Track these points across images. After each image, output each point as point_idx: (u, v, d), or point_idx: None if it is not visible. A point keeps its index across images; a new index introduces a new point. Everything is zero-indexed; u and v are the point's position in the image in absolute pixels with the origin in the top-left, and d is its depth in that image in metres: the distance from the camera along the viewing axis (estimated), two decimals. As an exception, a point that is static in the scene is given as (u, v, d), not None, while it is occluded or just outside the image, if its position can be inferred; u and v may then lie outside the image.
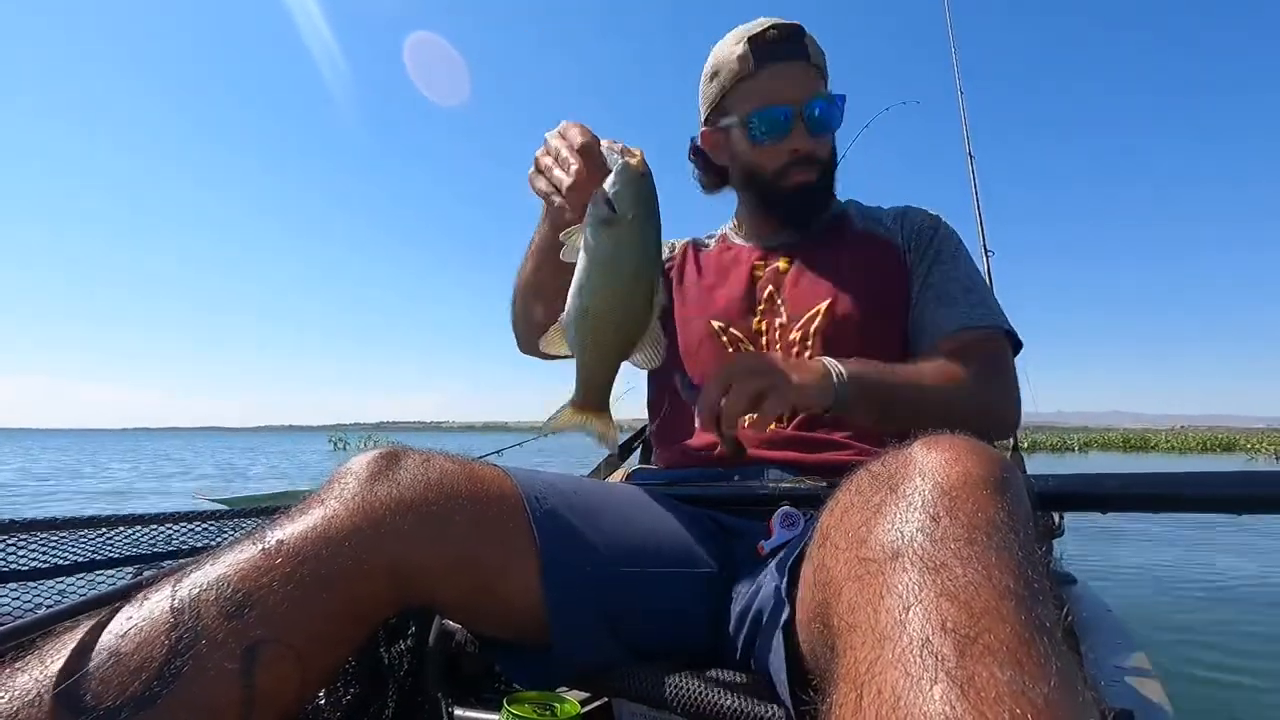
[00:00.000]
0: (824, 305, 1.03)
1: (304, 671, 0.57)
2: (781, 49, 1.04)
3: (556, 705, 0.66)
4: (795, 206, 1.11)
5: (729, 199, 1.24)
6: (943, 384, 0.94)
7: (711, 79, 1.10)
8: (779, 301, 1.06)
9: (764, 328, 1.05)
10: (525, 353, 1.11)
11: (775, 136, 1.06)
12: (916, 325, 1.06)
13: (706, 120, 1.15)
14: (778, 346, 1.03)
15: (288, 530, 0.60)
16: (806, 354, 1.00)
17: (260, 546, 0.58)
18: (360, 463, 0.68)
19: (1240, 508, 0.63)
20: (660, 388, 1.15)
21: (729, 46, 1.07)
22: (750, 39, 1.05)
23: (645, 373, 1.20)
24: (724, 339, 1.06)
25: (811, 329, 1.02)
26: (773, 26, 1.04)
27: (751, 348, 1.04)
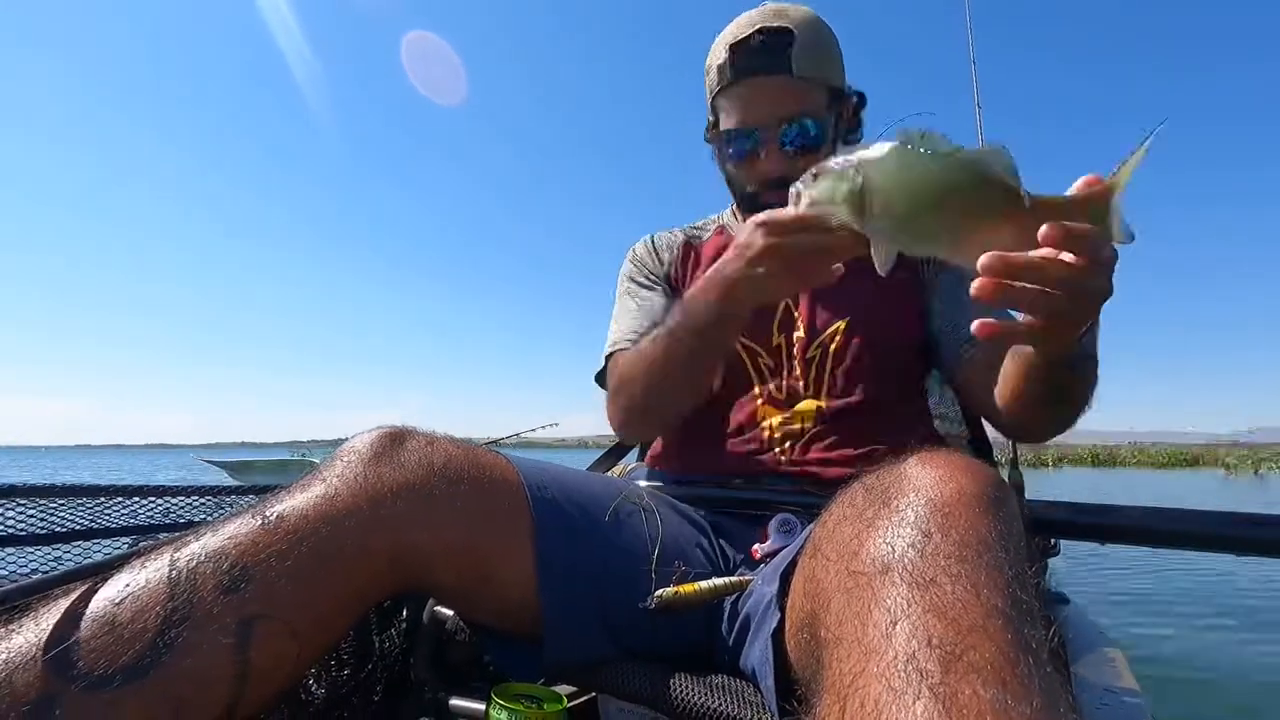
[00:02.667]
0: (842, 324, 0.99)
1: (298, 648, 0.57)
2: (761, 61, 0.95)
3: (543, 698, 0.66)
4: None
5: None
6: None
7: (706, 77, 1.04)
8: (795, 314, 1.03)
9: (783, 341, 1.02)
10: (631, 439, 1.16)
11: (746, 159, 1.01)
12: (953, 329, 0.98)
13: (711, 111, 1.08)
14: (796, 363, 1.00)
15: (289, 506, 0.60)
16: (825, 370, 0.98)
17: (260, 521, 0.58)
18: (364, 441, 0.68)
19: (1243, 549, 0.63)
20: None
21: (717, 49, 1.00)
22: (732, 46, 0.97)
23: None
24: (744, 354, 1.03)
25: (831, 348, 0.99)
26: (759, 30, 0.95)
27: (771, 363, 1.01)
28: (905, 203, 0.58)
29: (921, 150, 0.58)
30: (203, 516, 0.90)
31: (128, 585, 0.53)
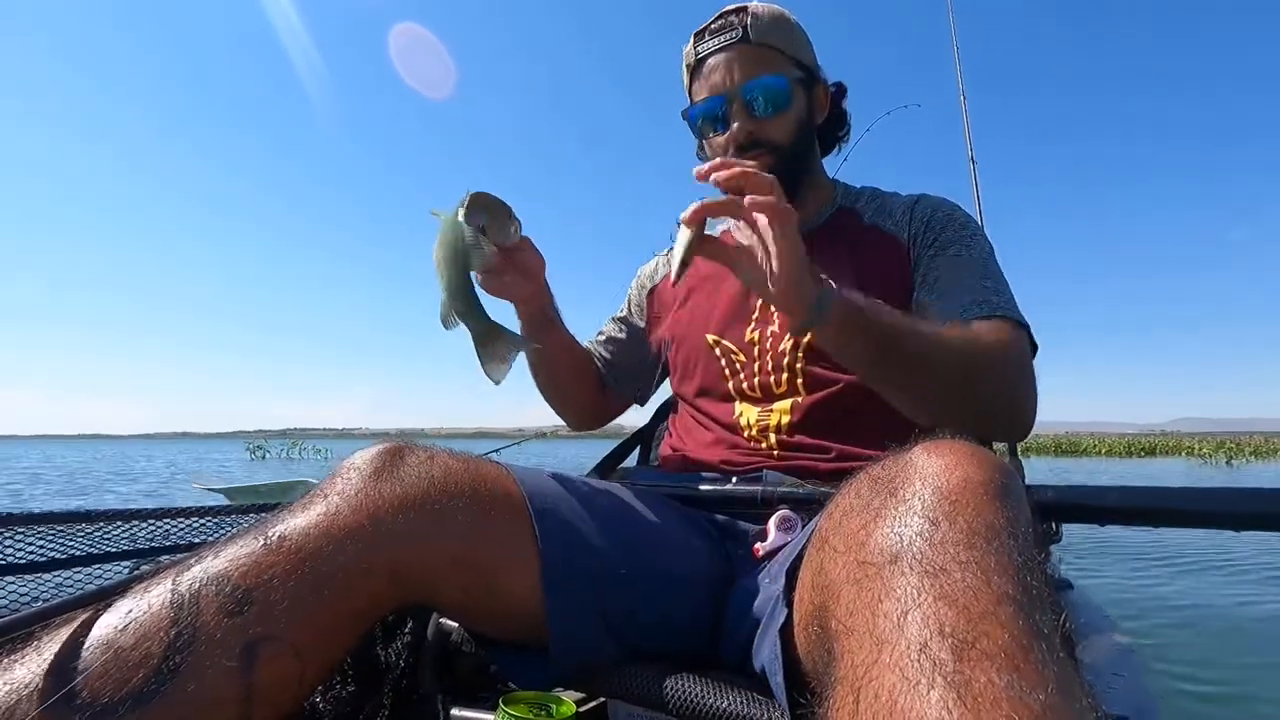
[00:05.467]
0: None
1: (303, 669, 0.57)
2: (721, 37, 1.00)
3: (552, 705, 0.66)
4: None
5: None
6: (961, 343, 0.81)
7: (683, 77, 1.09)
8: (772, 309, 1.02)
9: (756, 337, 1.01)
10: (582, 428, 1.29)
11: (715, 130, 1.02)
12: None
13: None
14: (769, 358, 0.99)
15: (290, 525, 0.60)
16: (798, 365, 0.97)
17: (262, 542, 0.58)
18: (364, 458, 0.68)
19: (1241, 524, 0.63)
20: (675, 395, 1.16)
21: (686, 45, 1.05)
22: (696, 34, 1.03)
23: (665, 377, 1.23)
24: (718, 351, 1.04)
25: (802, 340, 0.97)
26: (719, 15, 1.01)
27: (743, 359, 1.01)
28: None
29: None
30: (202, 538, 0.90)
31: (130, 611, 0.53)
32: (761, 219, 0.71)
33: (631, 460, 1.41)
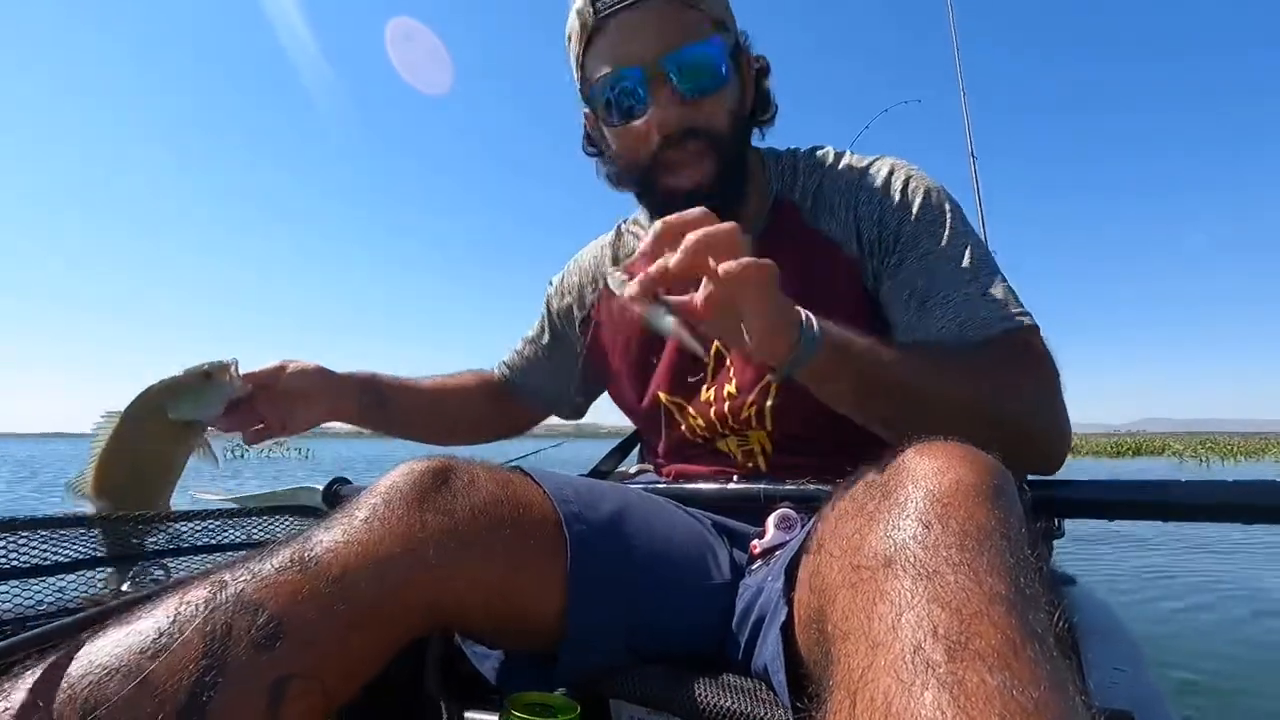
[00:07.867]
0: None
1: (328, 704, 0.55)
2: None
3: (557, 706, 0.66)
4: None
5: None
6: (955, 378, 0.73)
7: (568, 44, 0.85)
8: (727, 362, 0.93)
9: (712, 397, 0.94)
10: (490, 439, 1.30)
11: (631, 112, 0.81)
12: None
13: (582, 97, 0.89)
14: (730, 420, 0.92)
15: (329, 550, 0.57)
16: (766, 429, 0.91)
17: (299, 568, 0.55)
18: (407, 480, 0.65)
19: (1248, 517, 0.63)
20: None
21: (573, 12, 0.81)
22: None
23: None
24: (676, 416, 0.99)
25: (766, 405, 0.90)
26: None
27: (702, 422, 0.95)
28: None
29: None
30: (205, 541, 0.89)
31: (160, 636, 0.50)
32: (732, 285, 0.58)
33: (632, 459, 1.41)
